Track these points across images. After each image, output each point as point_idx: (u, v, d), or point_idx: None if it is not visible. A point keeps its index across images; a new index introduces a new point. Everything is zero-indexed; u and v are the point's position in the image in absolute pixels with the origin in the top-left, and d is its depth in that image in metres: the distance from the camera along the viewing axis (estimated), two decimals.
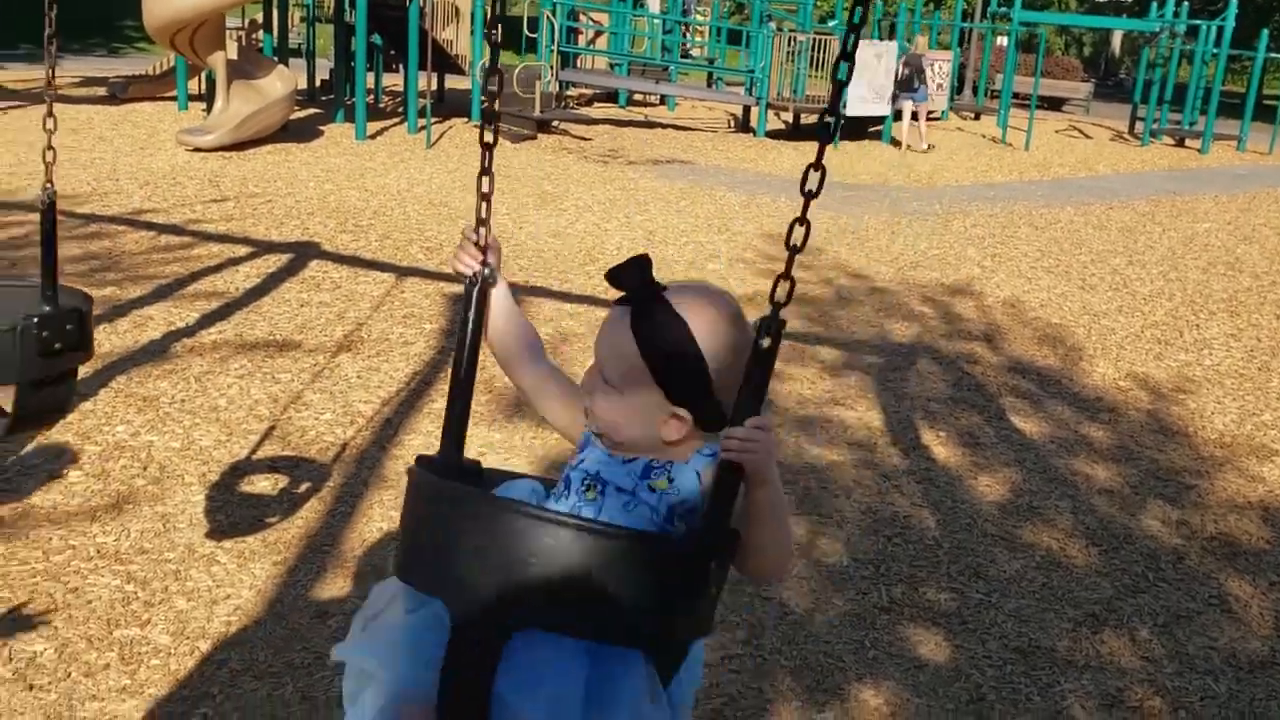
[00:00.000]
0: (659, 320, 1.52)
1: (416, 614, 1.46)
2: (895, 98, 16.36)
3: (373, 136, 12.89)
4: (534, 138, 13.91)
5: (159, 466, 4.02)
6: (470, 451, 1.64)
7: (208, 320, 5.62)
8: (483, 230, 1.68)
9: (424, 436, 4.44)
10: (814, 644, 3.28)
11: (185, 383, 4.79)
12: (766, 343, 1.43)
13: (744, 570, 1.52)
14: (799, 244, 1.47)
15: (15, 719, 2.69)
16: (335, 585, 3.38)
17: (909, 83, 16.33)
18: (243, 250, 7.07)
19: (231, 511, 3.76)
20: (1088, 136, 20.82)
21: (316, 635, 3.13)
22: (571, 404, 1.69)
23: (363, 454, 4.24)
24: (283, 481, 4.00)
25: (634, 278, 1.55)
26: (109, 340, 5.19)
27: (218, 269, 6.60)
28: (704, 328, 1.52)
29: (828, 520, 4.03)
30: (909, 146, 16.04)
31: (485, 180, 1.65)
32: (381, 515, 3.80)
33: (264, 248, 7.19)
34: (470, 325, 1.68)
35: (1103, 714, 3.07)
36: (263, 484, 3.98)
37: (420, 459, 1.62)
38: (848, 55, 1.49)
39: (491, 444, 4.43)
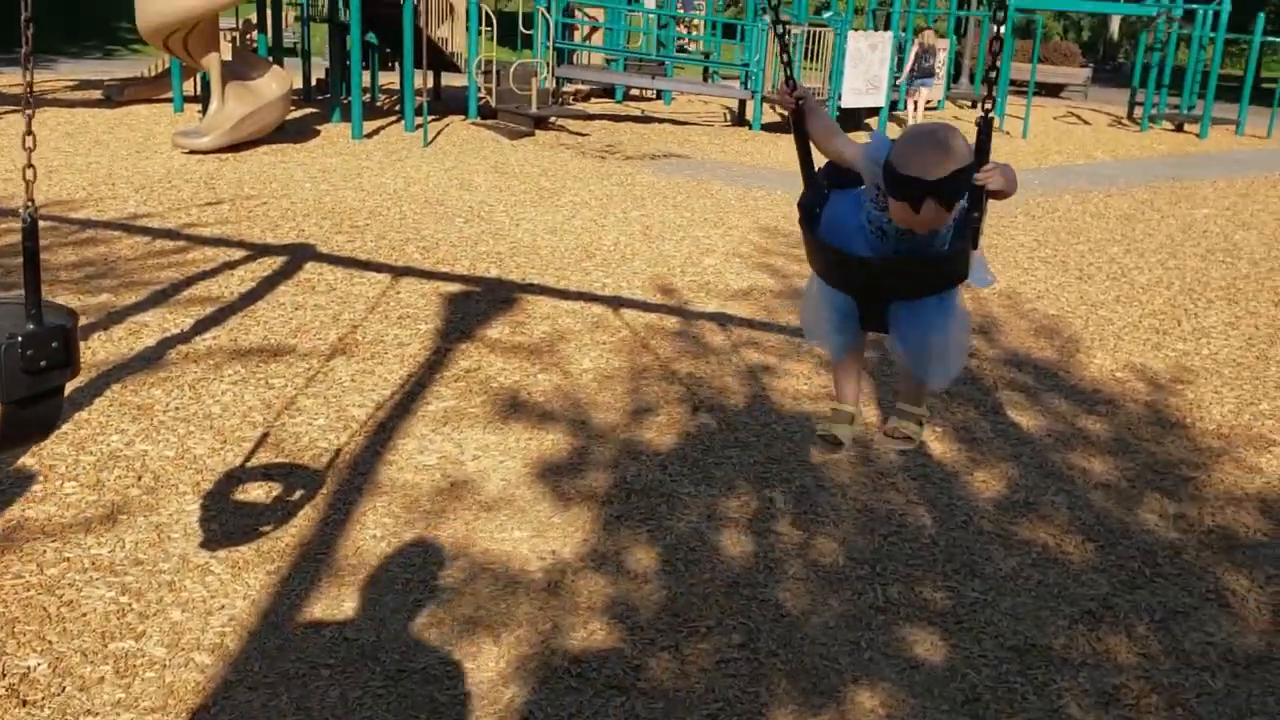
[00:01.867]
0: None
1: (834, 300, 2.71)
2: (911, 84, 16.53)
3: (369, 135, 12.87)
4: (531, 134, 13.88)
5: (153, 476, 4.02)
6: (466, 453, 1.64)
7: (202, 326, 5.61)
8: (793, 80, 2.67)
9: (417, 440, 4.44)
10: (810, 646, 3.28)
11: (179, 390, 4.78)
12: (985, 121, 2.45)
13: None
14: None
15: None
16: (329, 594, 3.38)
17: (930, 70, 16.54)
18: (238, 254, 7.06)
19: (226, 520, 3.75)
20: (1086, 122, 20.75)
21: (311, 645, 3.13)
22: (853, 162, 2.61)
23: (356, 459, 4.24)
24: (277, 489, 3.99)
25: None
26: (104, 348, 5.19)
27: (213, 273, 6.59)
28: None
29: (824, 519, 4.02)
30: None
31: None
32: (375, 522, 3.80)
33: (259, 251, 7.18)
34: (800, 136, 2.71)
35: (1099, 712, 3.06)
36: (257, 492, 3.97)
37: (799, 203, 2.74)
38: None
39: (486, 446, 4.43)
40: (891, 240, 2.55)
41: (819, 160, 2.77)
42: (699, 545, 3.79)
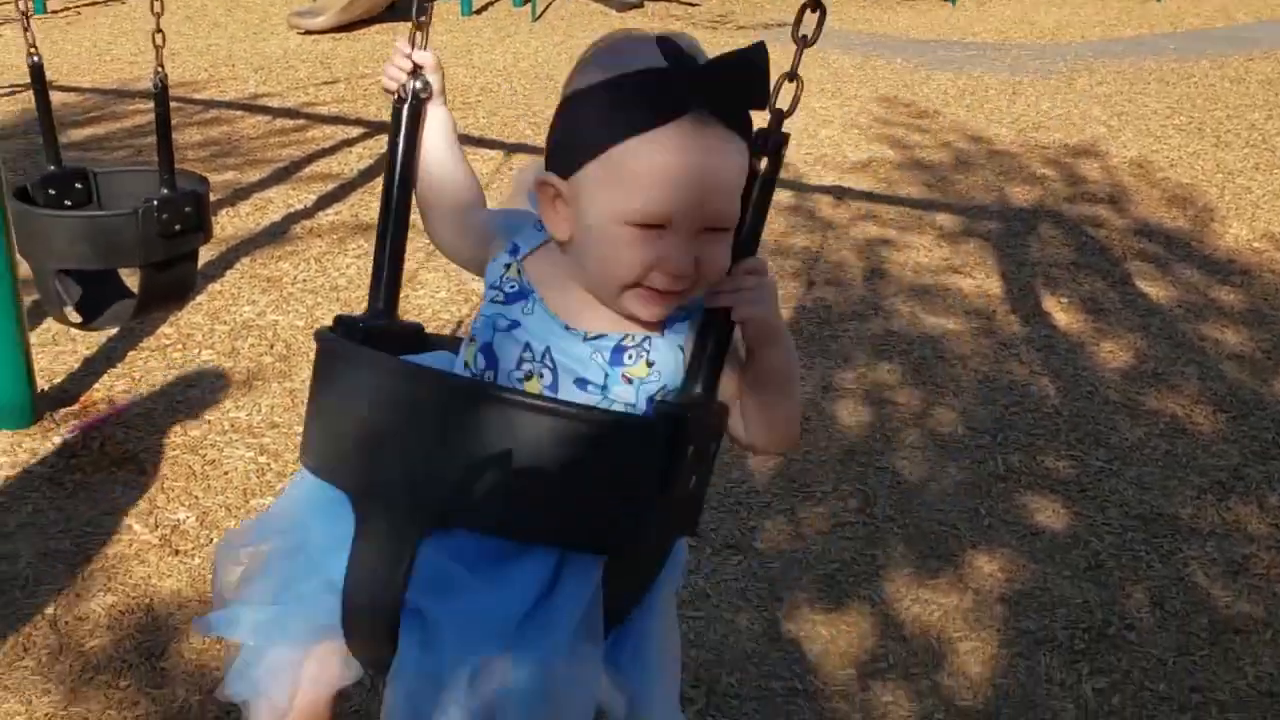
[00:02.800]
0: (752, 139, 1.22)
1: (324, 512, 1.21)
2: None
3: (478, 11, 12.78)
4: (640, 5, 13.62)
5: (285, 344, 4.16)
6: None
7: (324, 202, 5.72)
8: (419, 36, 1.38)
9: None
10: (927, 512, 3.28)
11: (306, 263, 4.91)
12: (764, 164, 1.18)
13: (742, 441, 1.31)
14: (809, 35, 1.26)
15: (163, 581, 2.87)
16: None
17: None
18: (355, 131, 7.14)
19: None
20: None
21: None
22: (478, 234, 1.39)
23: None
24: None
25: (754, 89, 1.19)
26: (232, 223, 5.34)
27: (332, 151, 6.69)
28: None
29: (943, 390, 3.98)
30: None
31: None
32: None
33: (375, 128, 7.25)
34: (400, 152, 1.38)
35: (1226, 580, 3.02)
36: None
37: (339, 320, 1.34)
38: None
39: None
40: (503, 377, 1.28)
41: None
42: (814, 415, 3.79)
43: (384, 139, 5.76)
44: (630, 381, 1.22)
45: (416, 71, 1.38)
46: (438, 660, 1.11)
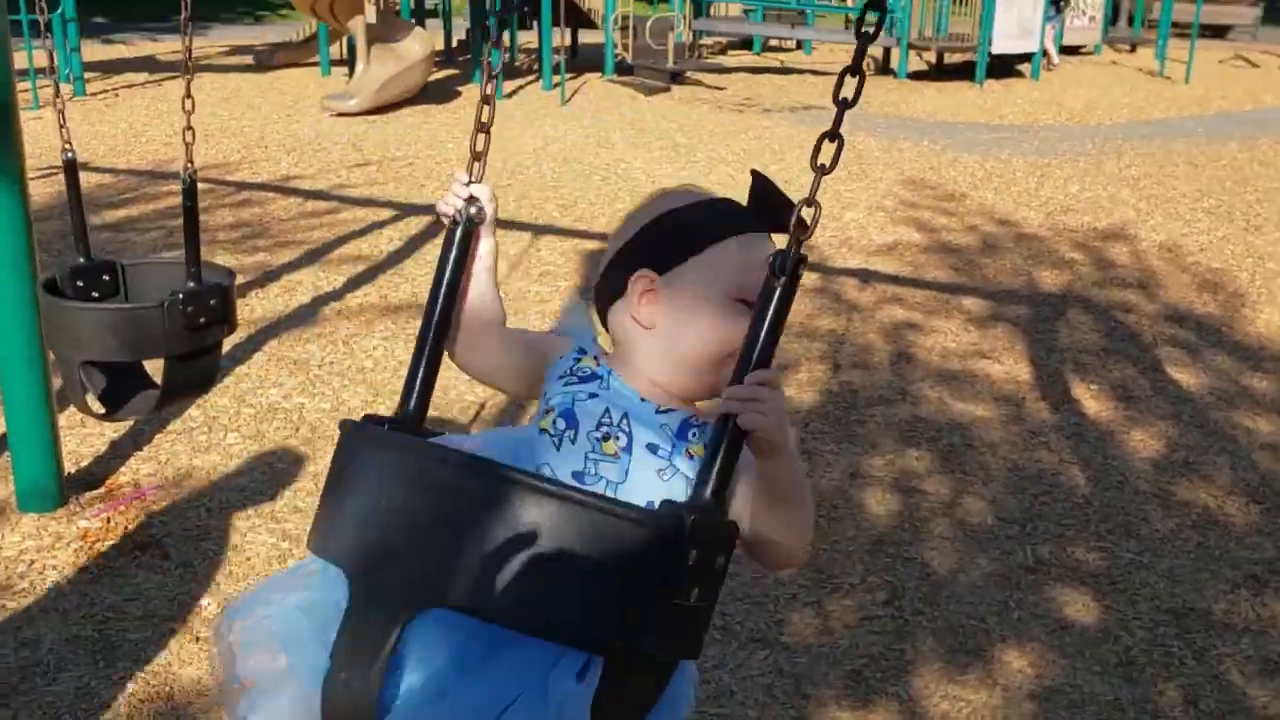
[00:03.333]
0: None
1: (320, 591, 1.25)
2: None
3: (509, 95, 13.01)
4: (667, 90, 13.83)
5: (310, 428, 4.17)
6: None
7: (353, 284, 5.78)
8: (477, 167, 1.49)
9: None
10: (956, 604, 3.23)
11: (333, 345, 4.95)
12: (781, 282, 1.22)
13: (750, 555, 1.34)
14: (827, 164, 1.27)
15: (184, 668, 2.85)
16: None
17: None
18: (386, 214, 7.24)
19: None
20: (1255, 65, 19.62)
21: None
22: (530, 353, 1.49)
23: (502, 411, 4.33)
24: None
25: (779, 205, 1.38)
26: (260, 305, 5.40)
27: (362, 233, 6.78)
28: None
29: (972, 478, 3.94)
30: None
31: (485, 110, 1.50)
32: None
33: (406, 210, 7.36)
34: (448, 270, 1.46)
35: (1263, 679, 2.94)
36: None
37: (367, 418, 1.39)
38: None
39: None
40: (582, 442, 1.34)
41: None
42: (842, 503, 3.76)
43: (413, 220, 5.87)
44: (692, 458, 1.31)
45: (472, 200, 1.48)
46: None
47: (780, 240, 1.31)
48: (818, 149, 1.27)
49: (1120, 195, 8.56)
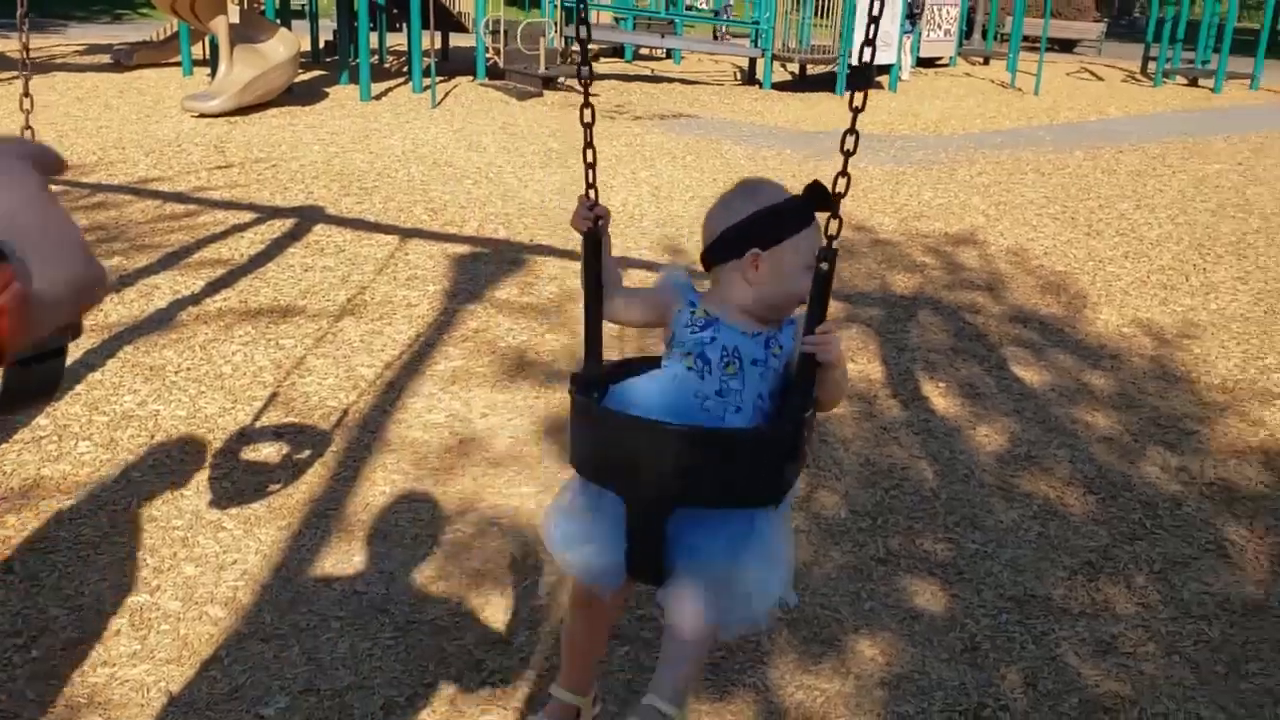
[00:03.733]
0: None
1: (600, 507, 2.01)
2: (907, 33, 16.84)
3: (377, 97, 12.86)
4: (540, 95, 13.85)
5: (165, 435, 4.08)
6: (474, 411, 2.55)
7: (213, 288, 5.66)
8: (593, 194, 2.11)
9: (425, 399, 4.49)
10: (811, 597, 3.33)
11: (191, 351, 4.84)
12: (825, 267, 1.87)
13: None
14: (843, 190, 1.85)
15: (32, 684, 2.77)
16: (339, 549, 3.44)
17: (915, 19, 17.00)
18: (247, 216, 7.10)
19: (237, 478, 3.82)
20: (1099, 78, 20.59)
21: (321, 598, 3.19)
22: (653, 301, 2.13)
23: (365, 418, 4.30)
24: (286, 447, 4.05)
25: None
26: (116, 311, 5.25)
27: (223, 236, 6.63)
28: None
29: (826, 473, 4.07)
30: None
31: (589, 153, 2.11)
32: (384, 479, 3.86)
33: (268, 213, 7.22)
34: (594, 266, 2.11)
35: (1096, 660, 3.11)
36: (267, 450, 4.03)
37: (574, 377, 2.11)
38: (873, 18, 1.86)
39: (494, 404, 4.48)
40: (715, 374, 1.99)
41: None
42: None
43: (275, 223, 5.81)
44: (776, 357, 2.02)
45: (598, 216, 2.09)
46: (699, 563, 1.93)
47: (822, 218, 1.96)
48: (832, 188, 1.87)
49: (971, 202, 8.90)
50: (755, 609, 1.98)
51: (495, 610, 3.18)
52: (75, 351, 4.70)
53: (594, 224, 2.10)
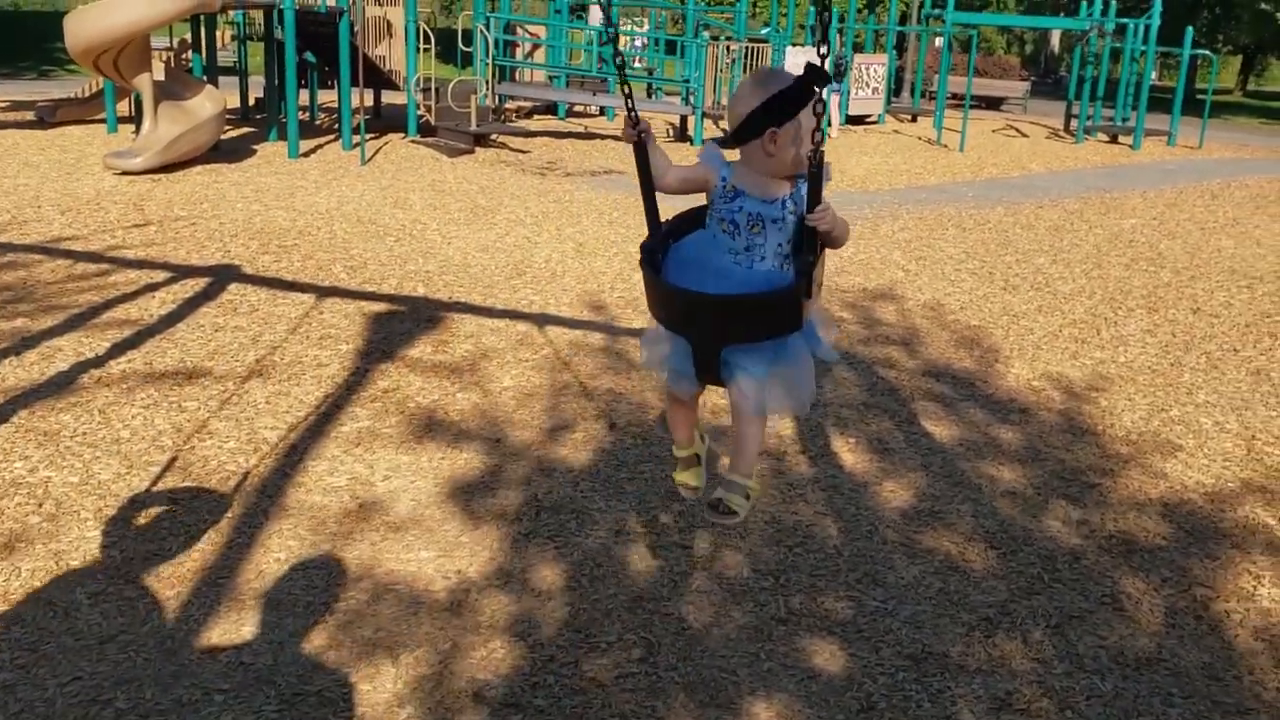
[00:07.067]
0: None
1: (675, 340, 2.71)
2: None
3: (306, 155, 12.82)
4: (471, 152, 13.88)
5: (55, 502, 3.97)
6: (377, 474, 3.22)
7: (118, 350, 5.56)
8: (631, 105, 2.65)
9: (328, 461, 4.42)
10: (709, 659, 3.30)
11: (89, 415, 4.74)
12: (818, 155, 2.43)
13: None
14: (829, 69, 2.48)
15: None
16: (229, 619, 3.35)
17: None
18: (161, 276, 7.00)
19: (127, 546, 3.72)
20: (1024, 135, 21.08)
21: (206, 671, 3.11)
22: (697, 176, 2.68)
23: (265, 482, 4.22)
24: (181, 514, 3.96)
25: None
26: (14, 374, 5.13)
27: (134, 296, 6.53)
28: None
29: (731, 532, 4.05)
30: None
31: (626, 86, 2.67)
32: (280, 545, 3.78)
33: (183, 272, 7.13)
34: (646, 163, 2.68)
35: (991, 717, 3.11)
36: (160, 517, 3.94)
37: (642, 245, 2.71)
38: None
39: (398, 466, 4.42)
40: (744, 234, 2.58)
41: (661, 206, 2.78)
42: (605, 561, 3.81)
43: (189, 282, 5.79)
44: (792, 213, 2.57)
45: (640, 128, 2.63)
46: (747, 373, 2.63)
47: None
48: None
49: (892, 257, 9.03)
50: (793, 398, 2.68)
51: (385, 680, 3.11)
52: None
53: (638, 137, 2.66)
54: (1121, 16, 21.68)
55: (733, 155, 2.65)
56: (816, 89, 2.47)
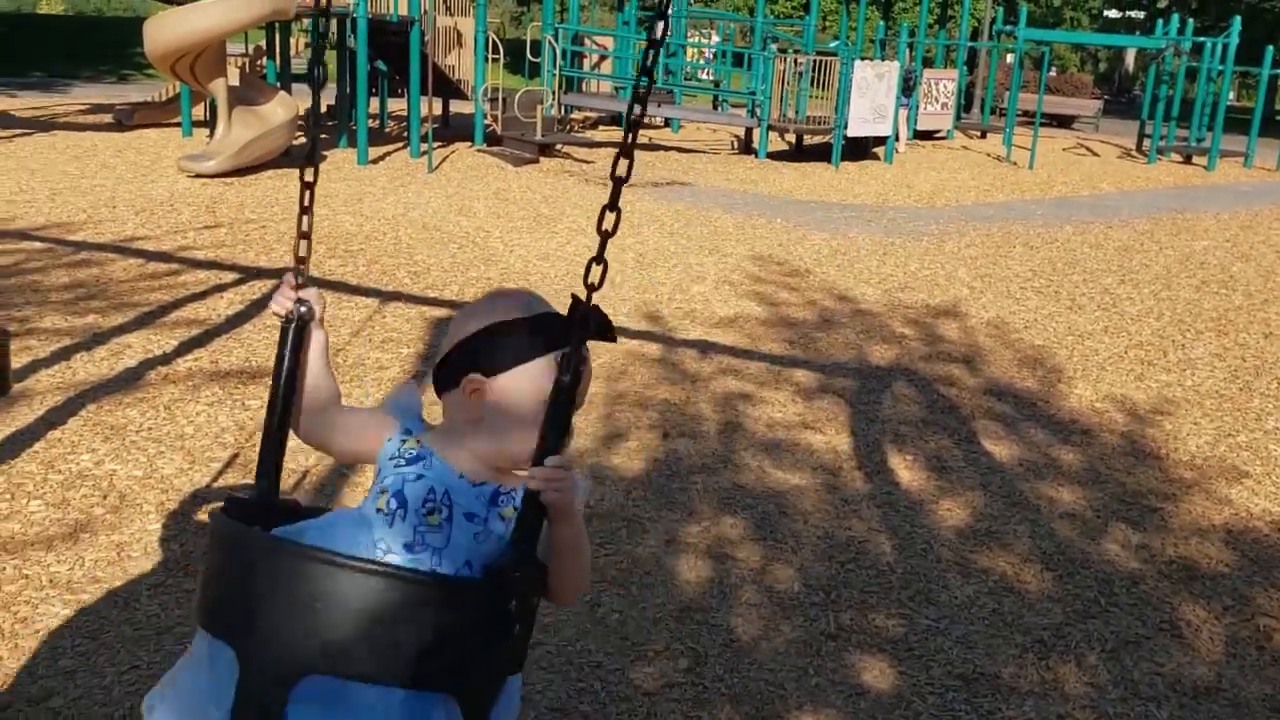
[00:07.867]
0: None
1: (213, 666, 1.49)
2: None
3: (375, 161, 13.00)
4: (536, 161, 13.99)
5: (119, 495, 4.06)
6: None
7: (185, 348, 5.67)
8: (296, 274, 1.75)
9: None
10: (757, 671, 3.29)
11: (154, 411, 4.84)
12: (567, 379, 1.50)
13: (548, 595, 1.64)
14: (596, 282, 1.55)
15: None
16: None
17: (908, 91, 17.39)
18: (229, 277, 7.14)
19: (186, 541, 3.79)
20: (1094, 154, 20.78)
21: None
22: (361, 430, 1.74)
23: (323, 481, 4.28)
24: None
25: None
26: (84, 369, 5.25)
27: (202, 296, 6.67)
28: None
29: (783, 545, 4.03)
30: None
31: (305, 220, 1.76)
32: None
33: (251, 274, 7.26)
34: (286, 365, 1.73)
35: None
36: None
37: (230, 500, 1.69)
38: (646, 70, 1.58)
39: None
40: (409, 519, 1.56)
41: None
42: (655, 570, 3.81)
43: (256, 284, 5.84)
44: (504, 520, 1.58)
45: (301, 301, 1.72)
46: None
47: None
48: (601, 217, 1.56)
49: (957, 274, 8.94)
50: None
51: None
52: (35, 409, 4.70)
53: (296, 309, 1.72)
54: (1199, 35, 21.29)
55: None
56: (579, 336, 1.51)
